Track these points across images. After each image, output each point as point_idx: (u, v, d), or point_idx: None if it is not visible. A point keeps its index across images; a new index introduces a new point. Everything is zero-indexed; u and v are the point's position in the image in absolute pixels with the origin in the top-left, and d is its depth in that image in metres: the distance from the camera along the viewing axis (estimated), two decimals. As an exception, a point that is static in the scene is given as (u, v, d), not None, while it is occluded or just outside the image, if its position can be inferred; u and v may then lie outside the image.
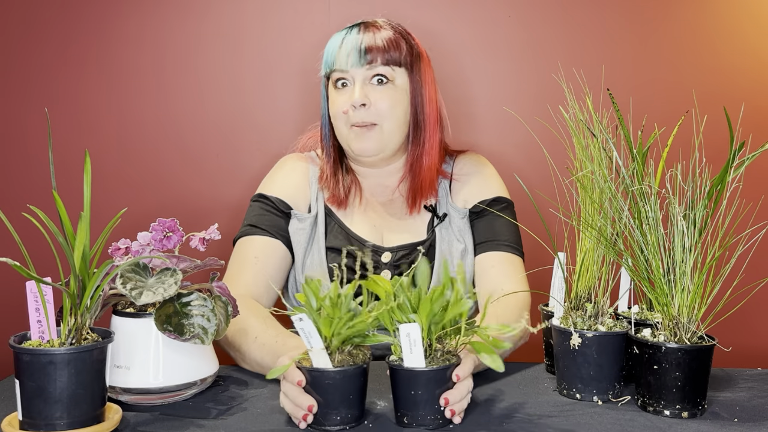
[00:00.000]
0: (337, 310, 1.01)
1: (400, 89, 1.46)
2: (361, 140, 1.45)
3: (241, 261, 1.44)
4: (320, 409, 1.00)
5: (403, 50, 1.45)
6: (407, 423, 1.02)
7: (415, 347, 0.99)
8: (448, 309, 1.01)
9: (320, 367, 1.00)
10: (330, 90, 1.49)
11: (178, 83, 1.89)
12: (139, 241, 1.15)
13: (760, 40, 1.87)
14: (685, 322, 1.06)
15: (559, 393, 1.17)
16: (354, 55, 1.42)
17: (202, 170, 1.91)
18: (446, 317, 1.01)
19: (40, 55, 1.88)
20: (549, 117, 1.24)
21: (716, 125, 1.17)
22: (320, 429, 1.01)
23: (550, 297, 1.25)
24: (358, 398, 1.03)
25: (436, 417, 1.02)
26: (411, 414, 1.02)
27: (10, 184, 1.89)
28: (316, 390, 1.00)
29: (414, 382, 1.00)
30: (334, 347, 1.02)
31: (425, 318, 1.01)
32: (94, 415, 0.97)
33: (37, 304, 0.97)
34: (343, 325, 1.01)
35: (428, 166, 1.49)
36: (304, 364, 1.01)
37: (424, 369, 1.00)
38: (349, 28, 1.48)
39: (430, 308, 1.00)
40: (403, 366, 1.01)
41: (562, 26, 1.89)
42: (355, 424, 1.02)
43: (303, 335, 0.98)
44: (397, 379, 1.02)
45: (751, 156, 1.08)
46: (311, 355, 1.00)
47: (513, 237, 1.49)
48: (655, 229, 1.07)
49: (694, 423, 1.04)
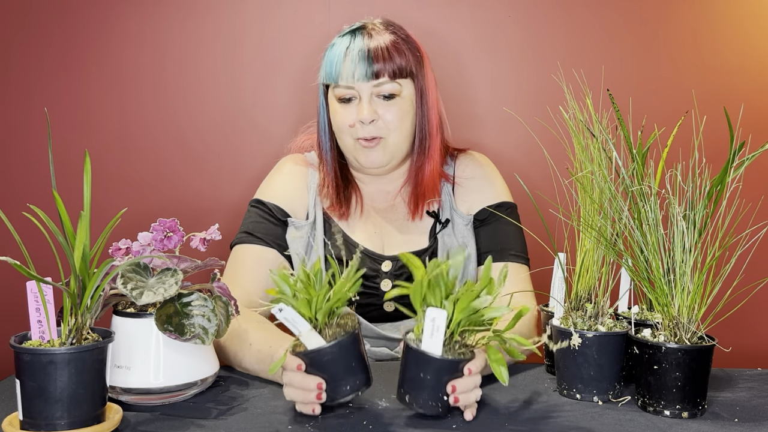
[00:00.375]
0: (311, 288, 1.02)
1: (407, 100, 1.43)
2: (368, 154, 1.43)
3: (235, 270, 1.43)
4: (328, 385, 1.03)
5: (408, 58, 1.42)
6: (408, 402, 1.04)
7: (437, 333, 1.00)
8: (485, 311, 1.02)
9: (315, 347, 1.01)
10: (332, 101, 1.45)
11: (178, 83, 1.90)
12: (139, 242, 1.15)
13: (760, 40, 1.87)
14: (685, 323, 1.06)
15: (559, 393, 1.17)
16: (361, 69, 1.38)
17: (202, 170, 1.91)
18: (479, 318, 1.02)
19: (40, 55, 1.88)
20: (549, 117, 1.24)
21: (716, 125, 1.17)
22: (334, 403, 1.04)
23: (550, 297, 1.25)
24: (361, 363, 1.05)
25: (437, 405, 1.03)
26: (413, 395, 1.03)
27: (11, 184, 1.89)
28: (319, 370, 1.03)
29: (426, 366, 1.02)
30: (321, 323, 1.03)
31: (459, 310, 1.01)
32: (94, 415, 0.97)
33: (37, 303, 0.98)
34: (322, 299, 1.02)
35: (431, 171, 1.48)
36: (299, 350, 1.03)
37: (439, 357, 1.01)
38: (350, 33, 1.43)
39: (468, 304, 1.01)
40: (419, 348, 1.02)
41: (562, 26, 1.89)
42: (365, 387, 1.06)
43: (288, 324, 1.00)
44: (410, 358, 1.03)
45: (750, 156, 1.08)
46: (302, 340, 1.02)
47: (518, 245, 1.47)
48: (655, 230, 1.07)
49: (694, 423, 1.04)
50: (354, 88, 1.41)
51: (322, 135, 1.50)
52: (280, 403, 1.12)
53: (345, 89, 1.41)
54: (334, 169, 1.50)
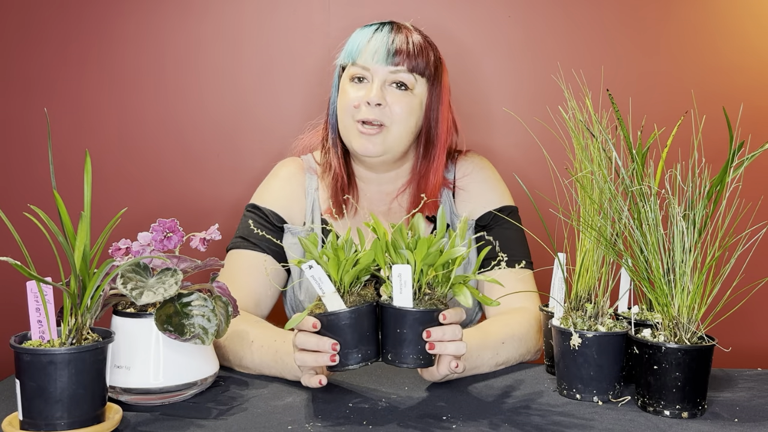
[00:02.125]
0: (341, 251, 1.06)
1: (418, 99, 1.43)
2: (364, 141, 1.42)
3: (230, 274, 1.43)
4: (341, 351, 1.05)
5: (430, 60, 1.44)
6: (391, 360, 1.07)
7: (405, 288, 1.04)
8: (442, 254, 1.06)
9: (335, 310, 1.05)
10: (343, 81, 1.46)
11: (178, 82, 1.90)
12: (139, 242, 1.15)
13: (760, 39, 1.87)
14: (685, 323, 1.06)
15: (559, 393, 1.17)
16: (381, 53, 1.40)
17: (202, 170, 1.91)
18: (439, 261, 1.06)
19: (40, 55, 1.88)
20: (548, 117, 1.24)
21: (716, 125, 1.17)
22: (343, 369, 1.06)
23: (550, 297, 1.25)
24: (374, 335, 1.08)
25: (418, 357, 1.06)
26: (395, 352, 1.06)
27: (11, 184, 1.89)
28: (334, 333, 1.05)
29: (401, 321, 1.05)
30: (345, 287, 1.07)
31: (419, 259, 1.05)
32: (94, 415, 0.97)
33: (37, 303, 0.98)
34: (350, 264, 1.06)
35: (434, 183, 1.47)
36: (318, 311, 1.06)
37: (411, 309, 1.05)
38: (379, 24, 1.45)
39: (426, 251, 1.05)
40: (392, 305, 1.05)
41: (562, 26, 1.89)
42: (374, 359, 1.08)
43: (314, 282, 1.03)
44: (385, 317, 1.07)
45: (750, 156, 1.08)
46: (324, 301, 1.05)
47: (521, 249, 1.47)
48: (655, 230, 1.07)
49: (694, 423, 1.04)
50: (369, 69, 1.42)
51: (331, 117, 1.51)
52: (280, 403, 1.12)
53: (360, 68, 1.43)
54: (341, 148, 1.50)
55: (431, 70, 1.44)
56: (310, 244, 1.09)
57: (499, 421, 1.05)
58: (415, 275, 1.06)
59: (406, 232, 1.08)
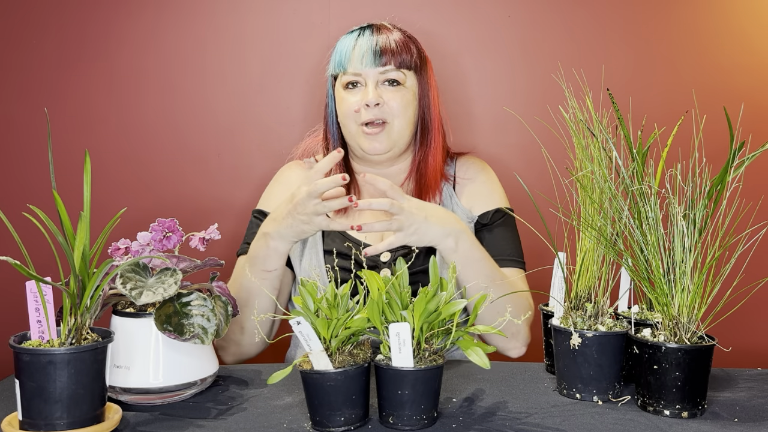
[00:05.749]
0: (334, 310, 1.01)
1: (410, 91, 1.49)
2: (371, 140, 1.47)
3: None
4: (323, 411, 1.00)
5: (414, 53, 1.50)
6: (392, 423, 1.01)
7: (404, 347, 0.99)
8: (443, 309, 1.01)
9: (321, 369, 0.99)
10: (338, 90, 1.51)
11: (177, 83, 1.89)
12: (138, 241, 1.15)
13: (760, 39, 1.87)
14: (685, 322, 1.06)
15: (559, 393, 1.17)
16: (369, 57, 1.46)
17: (202, 170, 1.90)
18: (439, 317, 1.02)
19: (39, 55, 1.88)
20: (549, 117, 1.24)
21: (716, 125, 1.17)
22: (325, 431, 1.01)
23: (550, 297, 1.25)
24: (362, 398, 1.02)
25: (422, 417, 1.01)
26: (396, 414, 1.01)
27: (10, 184, 1.89)
28: (318, 392, 1.00)
29: (401, 382, 1.00)
30: (333, 348, 1.01)
31: (418, 317, 1.01)
32: (94, 415, 0.97)
33: (37, 303, 0.98)
34: (341, 325, 1.01)
35: (433, 166, 1.52)
36: (304, 367, 1.01)
37: (412, 369, 0.99)
38: (360, 29, 1.50)
39: (424, 307, 1.00)
40: (390, 365, 1.00)
41: (562, 26, 1.89)
42: (359, 424, 1.02)
43: (301, 338, 0.98)
44: (384, 378, 1.01)
45: (751, 156, 1.08)
46: (311, 358, 1.00)
47: (514, 249, 1.51)
48: (655, 229, 1.07)
49: (694, 423, 1.04)
50: (361, 74, 1.47)
51: (330, 126, 1.56)
52: (280, 403, 1.12)
53: (352, 75, 1.48)
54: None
55: (417, 62, 1.50)
56: (306, 293, 1.04)
57: (499, 420, 1.05)
58: (415, 333, 1.01)
59: (398, 286, 1.03)
